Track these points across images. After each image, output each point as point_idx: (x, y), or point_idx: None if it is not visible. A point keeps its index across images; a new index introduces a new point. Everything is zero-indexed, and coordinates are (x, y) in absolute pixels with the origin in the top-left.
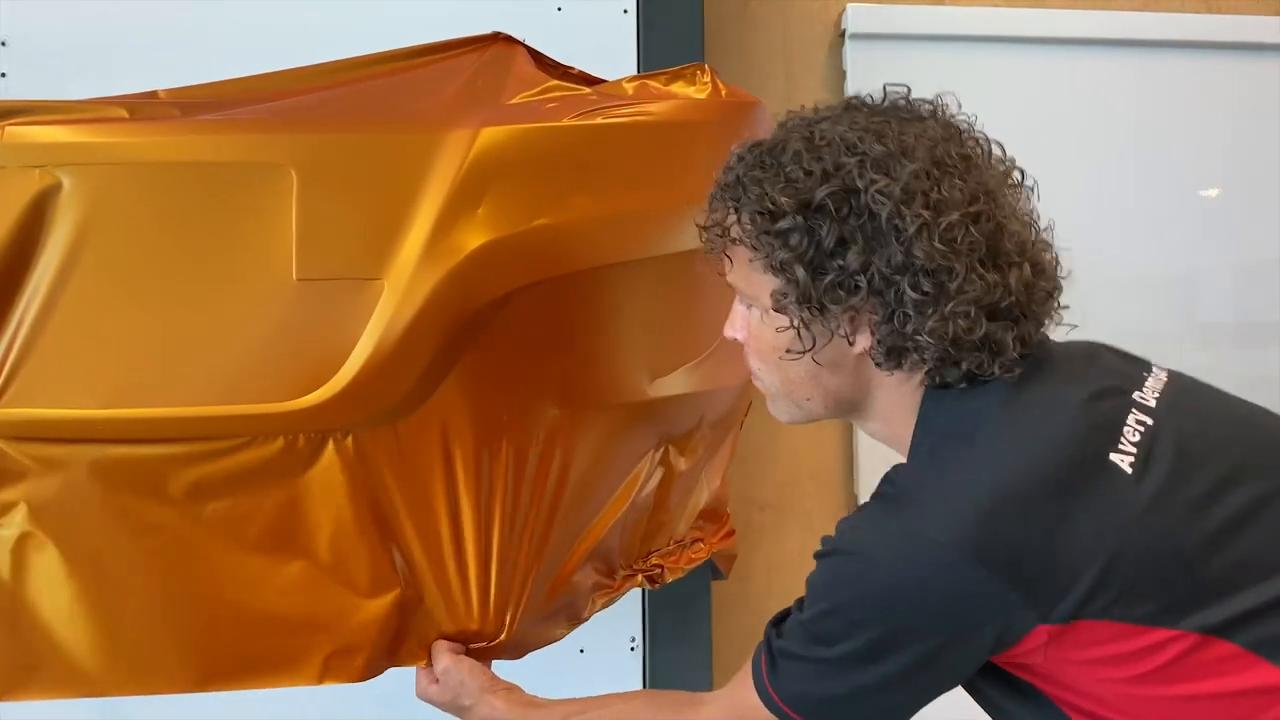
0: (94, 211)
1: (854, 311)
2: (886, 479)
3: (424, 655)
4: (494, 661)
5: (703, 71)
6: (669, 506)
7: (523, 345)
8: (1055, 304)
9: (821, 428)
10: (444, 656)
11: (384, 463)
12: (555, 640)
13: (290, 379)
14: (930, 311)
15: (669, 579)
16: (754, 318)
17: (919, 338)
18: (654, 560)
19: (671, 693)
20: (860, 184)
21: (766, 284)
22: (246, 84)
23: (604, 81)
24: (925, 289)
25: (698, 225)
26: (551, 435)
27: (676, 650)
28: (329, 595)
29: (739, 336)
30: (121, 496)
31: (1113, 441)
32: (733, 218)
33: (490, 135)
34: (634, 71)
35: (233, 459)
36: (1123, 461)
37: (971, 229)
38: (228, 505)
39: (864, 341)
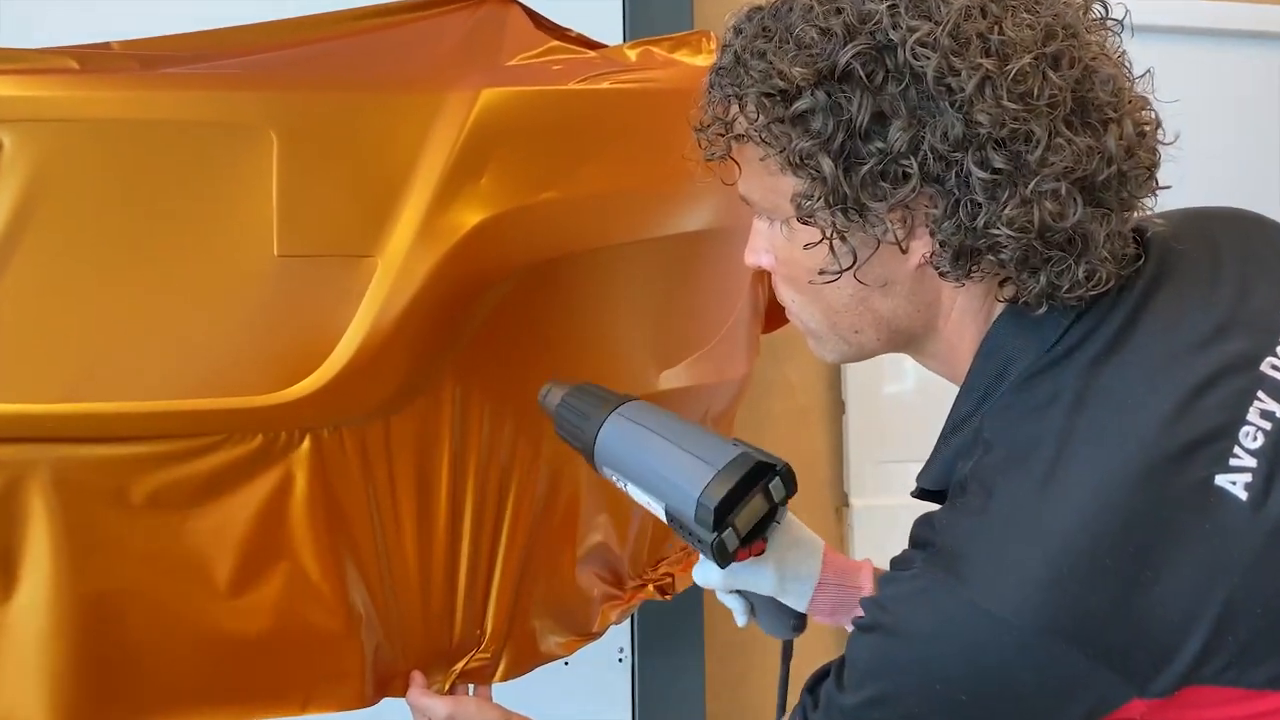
0: (40, 176)
1: (904, 208)
2: (929, 523)
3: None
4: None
5: (707, 39)
6: None
7: (527, 332)
8: (1155, 184)
9: (806, 421)
10: (443, 706)
11: (376, 461)
12: (561, 655)
13: (271, 369)
14: (1006, 194)
15: (680, 589)
16: (777, 235)
17: (995, 231)
18: (664, 569)
19: None
20: (895, 36)
21: (786, 187)
22: (213, 37)
23: (605, 46)
24: (997, 165)
25: (693, 128)
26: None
27: (667, 661)
28: (313, 615)
29: (762, 262)
30: (76, 506)
31: (1221, 458)
32: (735, 108)
33: (492, 98)
34: (620, 40)
35: (204, 460)
36: (1235, 484)
37: (1051, 76)
38: (199, 514)
39: (921, 246)
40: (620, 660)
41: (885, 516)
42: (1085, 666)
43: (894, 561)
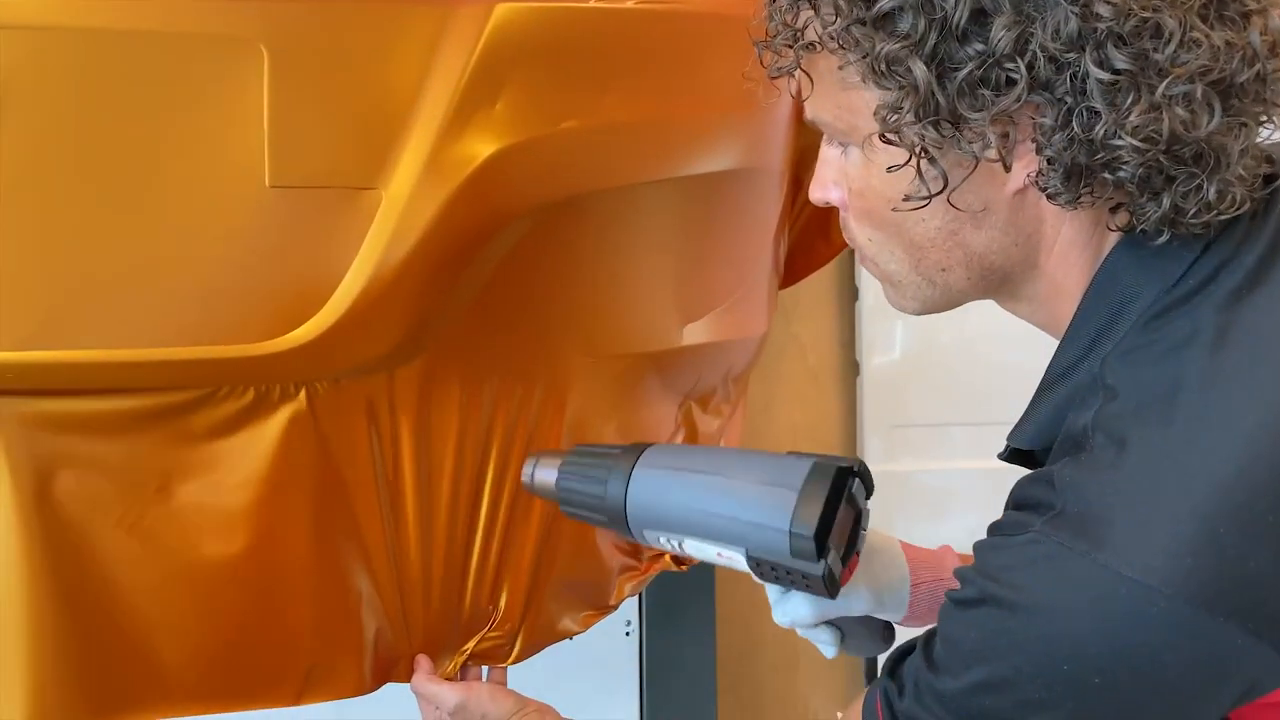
0: (3, 89)
1: (1007, 120)
2: (1044, 482)
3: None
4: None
5: None
6: None
7: (545, 277)
8: None
9: (817, 383)
10: (453, 694)
11: (379, 419)
12: (577, 632)
13: (263, 314)
14: (1130, 100)
15: (697, 559)
16: (852, 162)
17: (1116, 143)
18: None
19: None
20: None
21: (866, 102)
22: None
23: None
24: (1119, 65)
25: (755, 43)
26: (569, 385)
27: (676, 634)
28: (306, 594)
29: (831, 198)
30: (41, 467)
31: None
32: (807, 12)
33: (507, 13)
34: None
35: (188, 417)
36: None
37: None
38: (181, 477)
39: (1025, 166)
40: (628, 634)
41: (899, 483)
42: (1244, 643)
43: (994, 527)
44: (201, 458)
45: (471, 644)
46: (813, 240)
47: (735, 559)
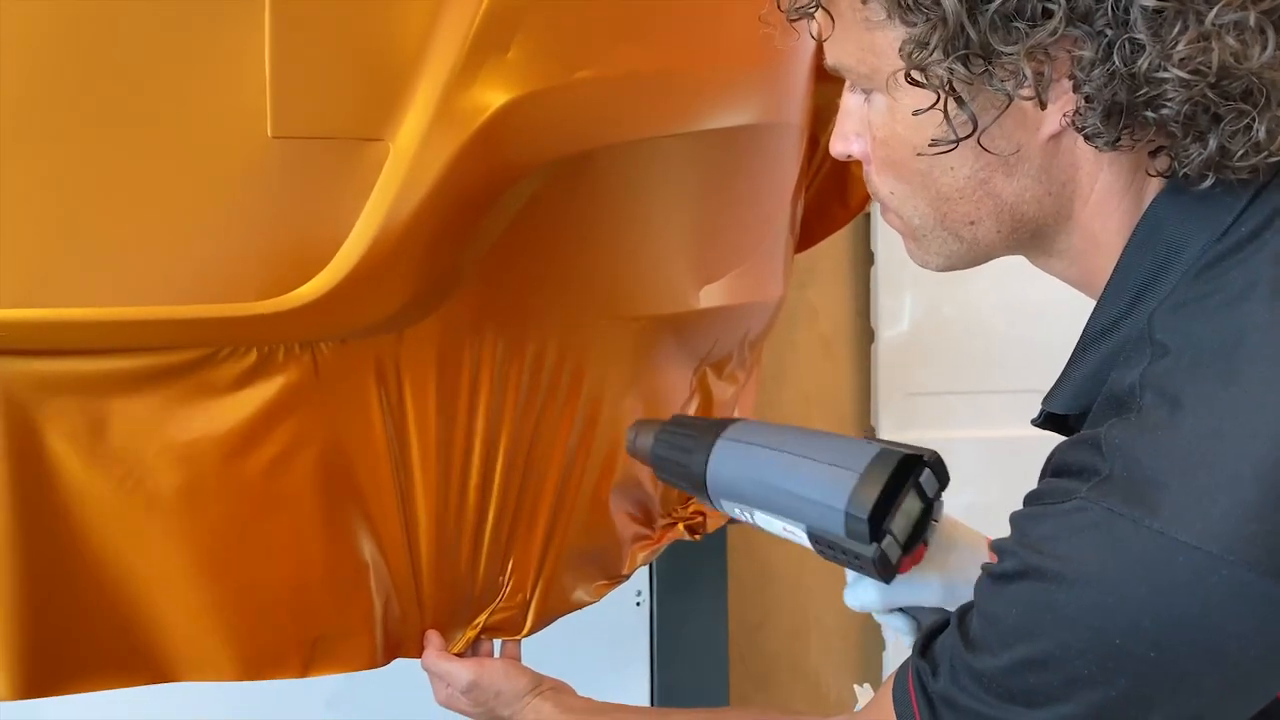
0: None
1: (1043, 54)
2: (1090, 445)
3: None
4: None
5: None
6: None
7: (560, 234)
8: None
9: (830, 351)
10: (465, 671)
11: (387, 382)
12: (590, 602)
13: (266, 271)
14: (1177, 29)
15: (711, 528)
16: (875, 109)
17: (1161, 75)
18: (694, 506)
19: (784, 716)
20: None
21: (890, 41)
22: None
23: None
24: None
25: None
26: (585, 348)
27: (687, 603)
28: (313, 563)
29: (853, 150)
30: (29, 431)
31: None
32: None
33: None
34: None
35: (187, 379)
36: None
37: None
38: (179, 442)
39: (1061, 105)
40: (638, 604)
41: None
42: None
43: (1032, 496)
44: (203, 421)
45: (483, 617)
46: (828, 202)
47: (799, 535)
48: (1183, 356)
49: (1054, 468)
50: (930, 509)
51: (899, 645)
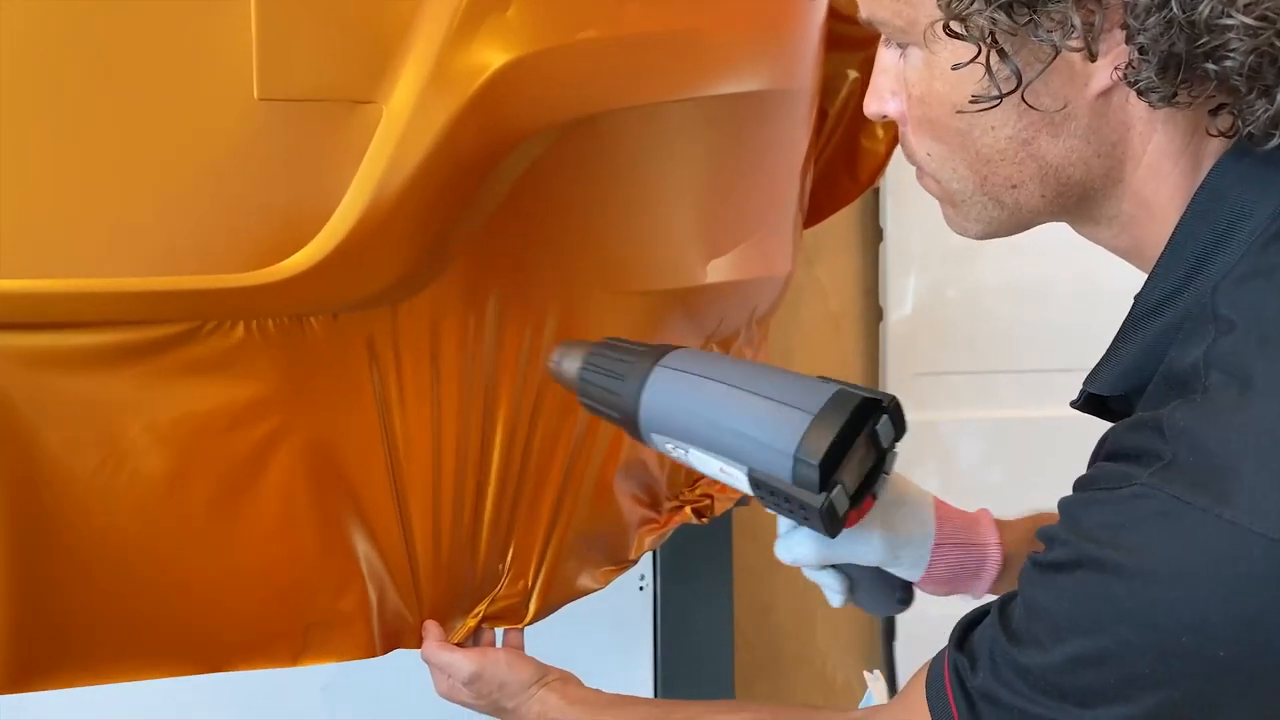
0: None
1: (1092, 2)
2: (1152, 428)
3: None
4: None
5: None
6: None
7: (561, 204)
8: None
9: (838, 329)
10: (467, 662)
11: (382, 358)
12: (595, 588)
13: (253, 241)
14: None
15: (718, 511)
16: (911, 65)
17: (1225, 21)
18: (701, 489)
19: (802, 711)
20: None
21: None
22: None
23: None
24: None
25: None
26: (588, 325)
27: (692, 587)
28: (304, 549)
29: (889, 109)
30: (11, 409)
31: None
32: None
33: None
34: None
35: (170, 355)
36: None
37: None
38: (163, 421)
39: (1113, 59)
40: (641, 589)
41: (923, 434)
42: None
43: (1084, 481)
44: (186, 399)
45: (484, 605)
46: (837, 176)
47: (738, 478)
48: (1251, 333)
49: (1109, 451)
50: (883, 460)
51: (910, 634)
